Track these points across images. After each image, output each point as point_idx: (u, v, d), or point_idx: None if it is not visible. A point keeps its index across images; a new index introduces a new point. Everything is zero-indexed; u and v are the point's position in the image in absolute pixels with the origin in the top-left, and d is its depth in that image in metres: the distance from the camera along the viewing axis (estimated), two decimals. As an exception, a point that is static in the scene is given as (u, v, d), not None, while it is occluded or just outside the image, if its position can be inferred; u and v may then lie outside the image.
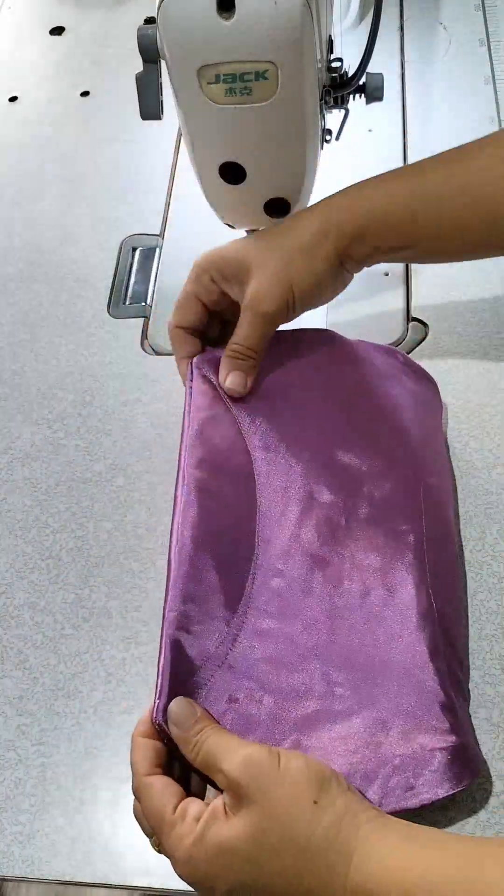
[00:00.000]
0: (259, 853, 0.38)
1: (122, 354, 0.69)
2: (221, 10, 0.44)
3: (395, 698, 0.46)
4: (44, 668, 0.55)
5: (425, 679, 0.46)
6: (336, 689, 0.46)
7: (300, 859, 0.37)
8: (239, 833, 0.38)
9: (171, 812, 0.40)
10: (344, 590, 0.49)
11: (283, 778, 0.39)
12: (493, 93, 0.81)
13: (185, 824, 0.39)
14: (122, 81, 0.90)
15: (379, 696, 0.46)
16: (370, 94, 0.57)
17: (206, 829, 0.39)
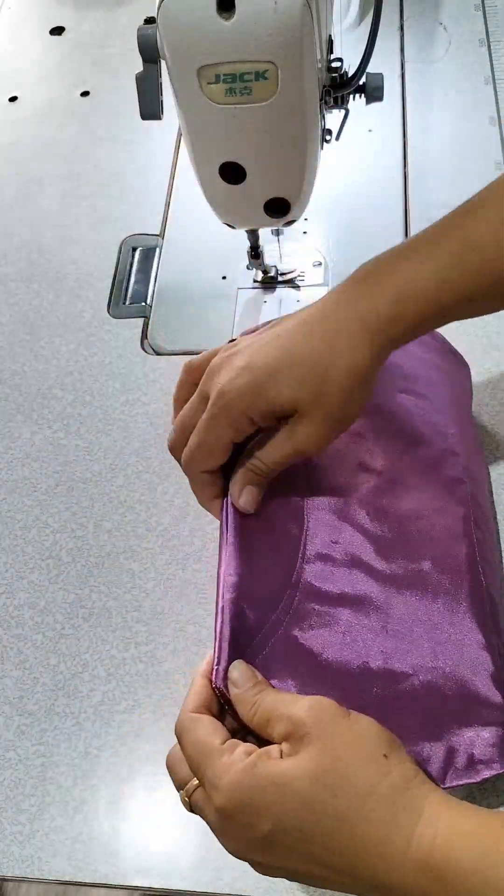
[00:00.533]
0: (315, 791, 0.34)
1: (122, 354, 0.69)
2: (221, 10, 0.44)
3: (452, 676, 0.46)
4: (44, 668, 0.55)
5: (478, 656, 0.46)
6: (394, 665, 0.46)
7: (359, 807, 0.34)
8: (297, 768, 0.35)
9: (219, 743, 0.37)
10: (395, 565, 0.49)
11: (352, 726, 0.37)
12: (493, 93, 0.81)
13: (235, 755, 0.36)
14: (122, 81, 0.90)
15: (435, 673, 0.46)
16: (370, 94, 0.57)
17: (258, 761, 0.35)
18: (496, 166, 0.75)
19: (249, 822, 0.35)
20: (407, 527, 0.50)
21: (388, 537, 0.50)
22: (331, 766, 0.35)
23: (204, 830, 0.47)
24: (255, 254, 0.68)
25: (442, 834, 0.34)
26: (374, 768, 0.35)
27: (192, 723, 0.39)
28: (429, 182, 0.75)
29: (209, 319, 0.70)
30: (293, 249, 0.73)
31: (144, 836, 0.48)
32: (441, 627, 0.47)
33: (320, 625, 0.46)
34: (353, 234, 0.73)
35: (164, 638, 0.55)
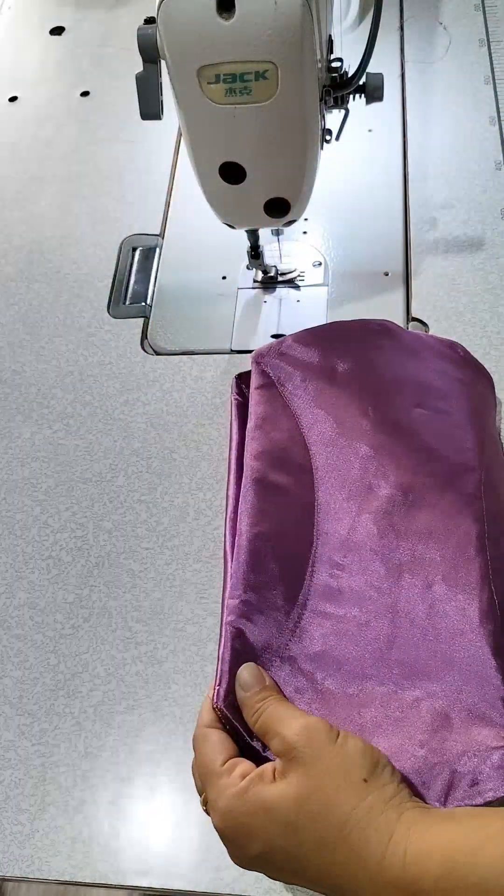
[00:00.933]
0: (298, 817, 0.37)
1: (122, 354, 0.69)
2: (221, 10, 0.44)
3: (457, 694, 0.45)
4: (44, 668, 0.55)
5: (488, 675, 0.45)
6: (399, 683, 0.45)
7: (337, 830, 0.36)
8: (283, 794, 0.37)
9: (220, 764, 0.40)
10: (405, 583, 0.48)
11: (338, 750, 0.39)
12: (493, 93, 0.81)
13: (232, 778, 0.39)
14: (122, 81, 0.90)
15: (441, 691, 0.45)
16: (370, 94, 0.57)
17: (250, 785, 0.38)
18: (496, 166, 0.75)
19: (242, 844, 0.38)
20: (418, 545, 0.50)
21: (399, 555, 0.49)
22: (314, 791, 0.37)
23: (204, 830, 0.47)
24: (255, 254, 0.68)
25: (411, 852, 0.35)
26: (353, 794, 0.37)
27: (201, 739, 0.42)
28: (429, 182, 0.75)
29: (209, 319, 0.70)
30: (293, 249, 0.73)
31: (144, 836, 0.48)
32: (450, 647, 0.47)
33: (326, 646, 0.46)
34: (353, 233, 0.73)
35: (164, 638, 0.55)
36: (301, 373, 0.55)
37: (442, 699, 0.45)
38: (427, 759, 0.43)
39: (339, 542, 0.50)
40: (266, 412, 0.54)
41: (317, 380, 0.55)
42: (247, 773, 0.39)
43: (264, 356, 0.56)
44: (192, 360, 0.67)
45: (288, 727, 0.40)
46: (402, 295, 0.68)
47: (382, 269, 0.70)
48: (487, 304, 0.66)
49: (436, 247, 0.71)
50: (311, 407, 0.54)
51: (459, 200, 0.73)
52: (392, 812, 0.37)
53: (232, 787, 0.39)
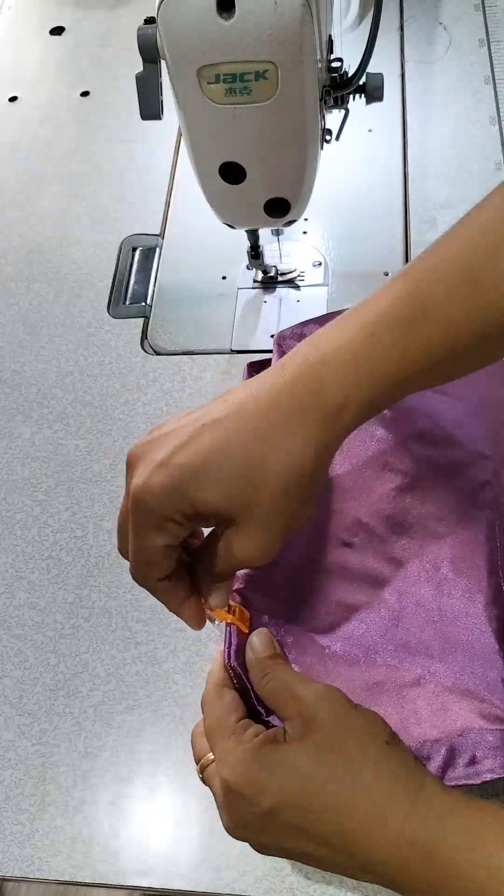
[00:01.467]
0: (317, 771, 0.36)
1: (122, 354, 0.69)
2: (221, 10, 0.44)
3: (459, 675, 0.46)
4: (44, 668, 0.55)
5: (491, 658, 0.46)
6: (402, 660, 0.46)
7: (359, 786, 0.36)
8: (301, 751, 0.36)
9: (235, 720, 0.39)
10: (413, 565, 0.49)
11: (360, 713, 0.38)
12: (493, 93, 0.81)
13: (246, 735, 0.38)
14: (122, 81, 0.90)
15: (443, 671, 0.46)
16: (370, 94, 0.57)
17: (264, 743, 0.37)
18: (496, 166, 0.75)
19: (252, 798, 0.36)
20: (428, 528, 0.50)
21: (409, 537, 0.50)
22: (336, 751, 0.36)
23: (204, 831, 0.47)
24: (255, 254, 0.68)
25: (435, 816, 0.35)
26: (376, 752, 0.36)
27: (215, 697, 0.40)
28: (429, 182, 0.75)
29: (209, 319, 0.70)
30: (293, 249, 0.73)
31: (144, 836, 0.48)
32: (454, 629, 0.47)
33: (332, 618, 0.47)
34: (353, 234, 0.73)
35: (164, 638, 0.55)
36: None
37: (443, 679, 0.45)
38: (426, 736, 0.43)
39: (350, 521, 0.50)
40: None
41: None
42: (259, 732, 0.38)
43: (286, 338, 0.55)
44: (192, 360, 0.67)
45: (307, 690, 0.38)
46: (402, 295, 0.68)
47: (382, 269, 0.70)
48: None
49: (436, 247, 0.71)
50: None
51: (459, 200, 0.73)
52: (416, 775, 0.36)
53: (246, 742, 0.37)
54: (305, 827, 0.36)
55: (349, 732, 0.37)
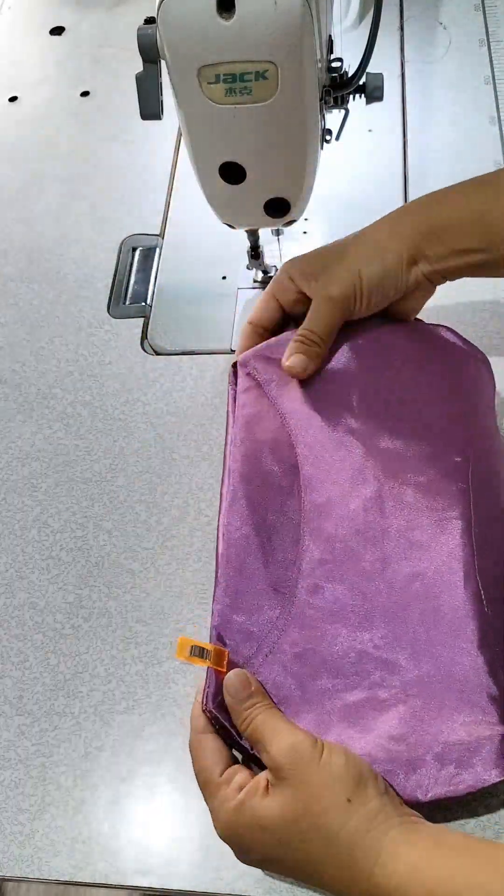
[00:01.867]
0: (289, 836, 0.40)
1: (122, 354, 0.69)
2: (221, 11, 0.44)
3: (442, 686, 0.46)
4: (44, 668, 0.55)
5: (473, 668, 0.46)
6: (385, 676, 0.47)
7: (325, 850, 0.39)
8: (275, 813, 0.40)
9: (217, 775, 0.43)
10: (390, 577, 0.49)
11: (322, 770, 0.41)
12: (493, 93, 0.81)
13: (230, 790, 0.42)
14: (122, 81, 0.90)
15: (428, 683, 0.46)
16: (370, 94, 0.57)
17: (246, 799, 0.41)
18: (496, 166, 0.75)
19: (244, 852, 0.42)
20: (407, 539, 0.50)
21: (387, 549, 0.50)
22: (301, 813, 0.40)
23: (204, 831, 0.47)
24: (255, 254, 0.68)
25: (398, 874, 0.38)
26: (338, 815, 0.40)
27: (197, 747, 0.44)
28: (429, 182, 0.75)
29: (209, 319, 0.70)
30: (293, 249, 0.73)
31: (144, 836, 0.48)
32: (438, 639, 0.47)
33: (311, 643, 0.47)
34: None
35: (164, 638, 0.55)
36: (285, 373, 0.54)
37: (429, 691, 0.46)
38: (408, 750, 0.44)
39: (325, 538, 0.50)
40: (251, 414, 0.54)
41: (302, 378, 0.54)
42: (243, 784, 0.42)
43: (249, 361, 0.55)
44: (192, 360, 0.67)
45: (274, 745, 0.42)
46: (402, 295, 0.68)
47: (382, 269, 0.70)
48: (487, 304, 0.66)
49: (436, 247, 0.71)
50: (295, 406, 0.53)
51: (459, 200, 0.73)
52: (377, 831, 0.39)
53: (230, 800, 0.41)
54: (293, 873, 0.42)
55: (313, 793, 0.40)
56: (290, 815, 0.40)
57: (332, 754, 0.41)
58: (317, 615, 0.48)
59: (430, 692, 0.46)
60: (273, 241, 0.70)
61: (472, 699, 0.46)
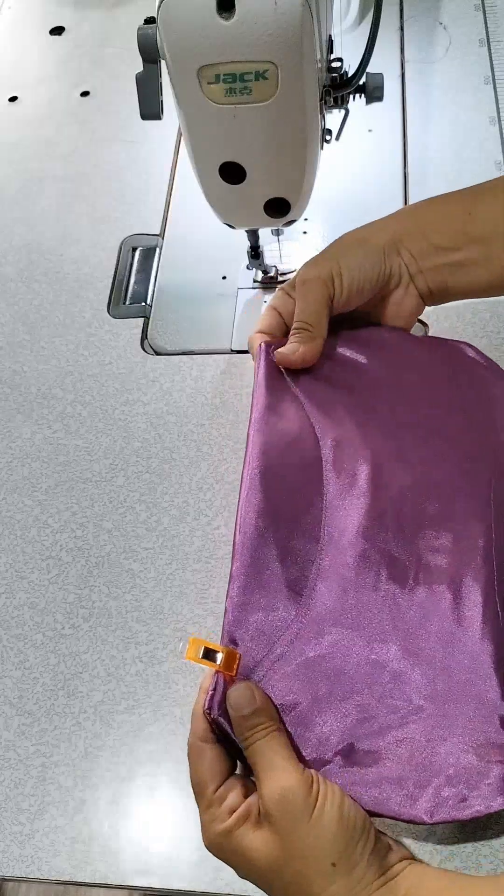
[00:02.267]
0: (272, 880, 0.40)
1: (122, 354, 0.69)
2: (221, 11, 0.44)
3: (455, 707, 0.45)
4: (44, 668, 0.55)
5: (487, 690, 0.45)
6: (394, 692, 0.45)
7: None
8: (260, 854, 0.40)
9: (212, 791, 0.42)
10: (408, 590, 0.48)
11: (311, 830, 0.39)
12: (493, 93, 0.81)
13: (221, 811, 0.41)
14: (122, 81, 0.90)
15: (438, 703, 0.45)
16: (370, 94, 0.57)
17: (234, 827, 0.40)
18: (496, 166, 0.75)
19: (233, 867, 0.42)
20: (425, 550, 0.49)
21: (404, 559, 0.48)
22: (285, 864, 0.39)
23: (204, 830, 0.47)
24: (255, 254, 0.68)
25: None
26: (320, 878, 0.39)
27: (195, 756, 0.43)
28: (429, 182, 0.75)
29: (209, 319, 0.70)
30: (293, 249, 0.73)
31: (144, 836, 0.48)
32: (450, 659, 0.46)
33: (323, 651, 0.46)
34: (353, 234, 0.73)
35: (164, 638, 0.55)
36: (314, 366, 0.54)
37: (438, 712, 0.45)
38: (415, 771, 0.43)
39: (345, 541, 0.48)
40: (272, 403, 0.52)
41: (329, 373, 0.54)
42: (234, 807, 0.41)
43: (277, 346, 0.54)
44: (192, 360, 0.67)
45: (266, 786, 0.40)
46: (402, 295, 0.68)
47: (382, 269, 0.70)
48: (487, 304, 0.66)
49: (436, 247, 0.71)
50: (319, 400, 0.52)
51: (459, 200, 0.73)
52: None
53: (219, 822, 0.41)
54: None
55: (299, 849, 0.39)
56: (274, 862, 0.39)
57: (324, 809, 0.39)
58: (333, 620, 0.46)
59: (443, 712, 0.44)
60: (273, 241, 0.70)
61: (485, 723, 0.44)
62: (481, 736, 0.44)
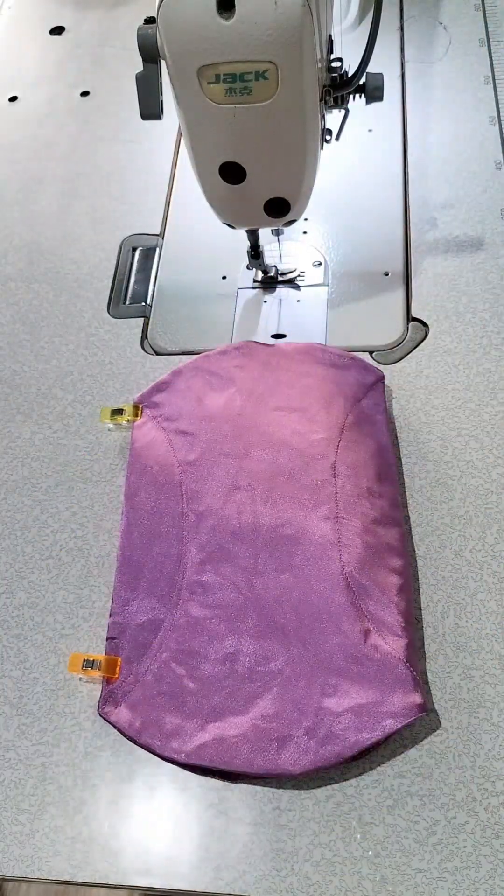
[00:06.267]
0: None
1: (122, 354, 0.69)
2: (221, 10, 0.44)
3: (315, 663, 0.50)
4: (44, 668, 0.55)
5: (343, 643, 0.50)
6: (261, 661, 0.51)
7: None
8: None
9: None
10: (263, 568, 0.54)
11: None
12: (493, 93, 0.81)
13: None
14: (122, 81, 0.90)
15: (299, 663, 0.50)
16: (370, 94, 0.57)
17: None
18: (496, 166, 0.75)
19: None
20: (279, 524, 0.55)
21: (260, 539, 0.55)
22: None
23: (203, 831, 0.47)
24: (255, 254, 0.68)
25: None
26: None
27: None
28: (429, 182, 0.75)
29: (209, 319, 0.70)
30: (293, 249, 0.73)
31: (144, 836, 0.48)
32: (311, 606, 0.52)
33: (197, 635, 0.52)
34: (353, 233, 0.73)
35: (164, 638, 0.54)
36: (175, 403, 0.62)
37: (298, 669, 0.50)
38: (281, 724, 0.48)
39: (205, 544, 0.55)
40: (143, 445, 0.61)
41: (189, 405, 0.62)
42: None
43: (145, 399, 0.63)
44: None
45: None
46: (402, 295, 0.68)
47: (382, 269, 0.70)
48: (487, 304, 0.66)
49: (436, 247, 0.71)
50: (183, 427, 0.60)
51: (459, 200, 0.73)
52: None
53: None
54: None
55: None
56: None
57: None
58: (199, 613, 0.53)
59: (301, 671, 0.50)
60: (273, 241, 0.70)
61: (340, 674, 0.50)
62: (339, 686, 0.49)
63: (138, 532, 0.57)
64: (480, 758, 0.48)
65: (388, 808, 0.47)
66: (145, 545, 0.56)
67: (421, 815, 0.47)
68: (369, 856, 0.46)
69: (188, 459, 0.59)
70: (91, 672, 0.52)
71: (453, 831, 0.46)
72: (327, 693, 0.49)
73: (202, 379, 0.63)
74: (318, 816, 0.47)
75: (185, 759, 0.49)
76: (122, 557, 0.56)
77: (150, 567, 0.55)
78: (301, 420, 0.59)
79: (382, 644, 0.50)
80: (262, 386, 0.62)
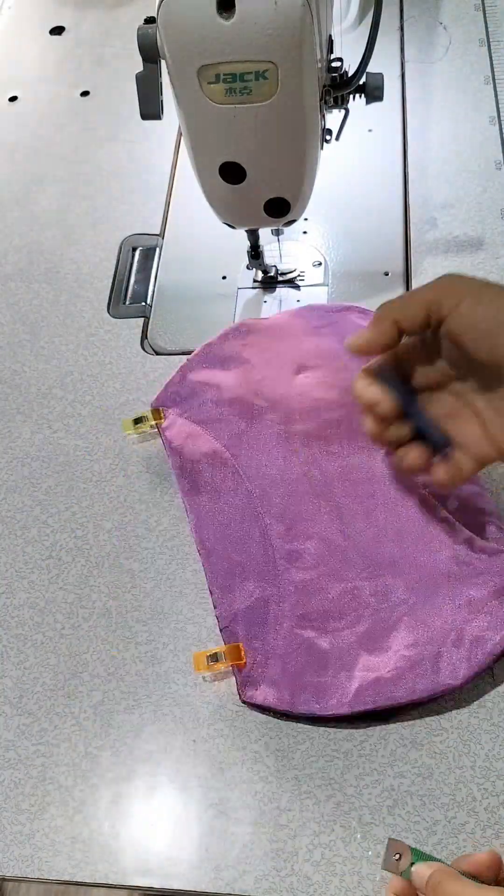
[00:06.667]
0: None
1: (122, 354, 0.69)
2: (221, 10, 0.44)
3: (434, 583, 0.52)
4: (44, 668, 0.55)
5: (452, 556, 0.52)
6: (382, 599, 0.52)
7: None
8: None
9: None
10: (349, 514, 0.55)
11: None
12: (493, 93, 0.81)
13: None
14: (122, 81, 0.90)
15: (418, 588, 0.52)
16: (370, 94, 0.57)
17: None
18: (496, 166, 0.75)
19: None
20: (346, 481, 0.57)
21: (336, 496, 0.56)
22: None
23: (203, 831, 0.47)
24: (255, 254, 0.68)
25: None
26: None
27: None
28: (429, 182, 0.75)
29: (209, 319, 0.70)
30: (293, 249, 0.73)
31: (144, 836, 0.48)
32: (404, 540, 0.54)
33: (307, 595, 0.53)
34: (353, 233, 0.73)
35: (164, 638, 0.55)
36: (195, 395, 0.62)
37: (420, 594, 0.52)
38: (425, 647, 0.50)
39: (281, 512, 0.56)
40: (181, 441, 0.60)
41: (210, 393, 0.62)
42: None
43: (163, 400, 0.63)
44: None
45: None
46: (402, 295, 0.68)
47: (382, 269, 0.70)
48: (487, 304, 0.66)
49: (436, 247, 0.71)
50: (212, 415, 0.61)
51: (459, 200, 0.73)
52: None
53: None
54: None
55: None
56: None
57: None
58: (303, 576, 0.54)
59: (424, 595, 0.52)
60: (273, 241, 0.70)
61: (461, 583, 0.51)
62: (464, 595, 0.51)
63: (211, 524, 0.57)
64: (480, 758, 0.48)
65: (388, 808, 0.47)
66: (223, 534, 0.56)
67: (421, 815, 0.47)
68: (369, 856, 0.46)
69: (232, 440, 0.59)
70: (217, 666, 0.51)
71: (453, 831, 0.46)
72: (456, 602, 0.51)
73: (213, 365, 0.63)
74: (318, 816, 0.47)
75: (350, 709, 0.49)
76: (205, 552, 0.56)
77: (237, 552, 0.55)
78: (325, 373, 0.60)
79: (487, 545, 0.52)
80: (273, 353, 0.62)
